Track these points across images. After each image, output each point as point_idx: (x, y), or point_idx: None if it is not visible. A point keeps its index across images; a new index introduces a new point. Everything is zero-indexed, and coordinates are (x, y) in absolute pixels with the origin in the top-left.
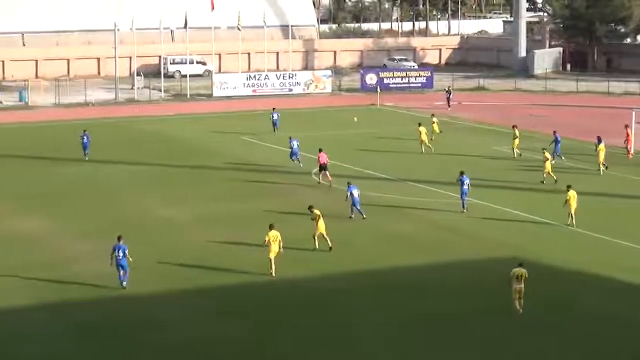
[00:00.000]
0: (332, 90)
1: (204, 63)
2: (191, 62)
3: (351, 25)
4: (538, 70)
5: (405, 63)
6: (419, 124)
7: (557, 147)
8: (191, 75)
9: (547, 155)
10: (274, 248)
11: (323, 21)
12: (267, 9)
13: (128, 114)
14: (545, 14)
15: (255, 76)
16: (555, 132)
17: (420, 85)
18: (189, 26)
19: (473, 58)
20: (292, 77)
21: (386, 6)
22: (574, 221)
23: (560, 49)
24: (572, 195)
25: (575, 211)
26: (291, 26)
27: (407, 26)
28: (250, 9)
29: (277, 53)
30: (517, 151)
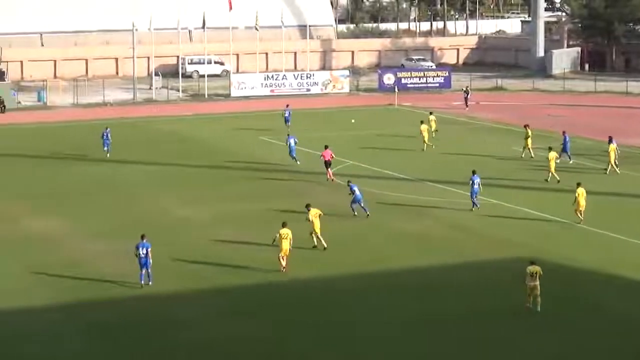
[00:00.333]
0: (350, 90)
1: (222, 63)
2: (209, 62)
3: (369, 25)
4: (556, 70)
5: (423, 63)
6: (422, 122)
7: (567, 148)
8: (209, 75)
9: (552, 154)
10: (284, 246)
11: (341, 21)
12: (285, 9)
13: (146, 114)
14: (563, 14)
15: (273, 76)
16: (564, 133)
17: (438, 85)
18: (207, 26)
19: (491, 58)
20: (310, 77)
21: (404, 6)
22: (582, 218)
23: (578, 49)
24: (581, 192)
25: (584, 209)
26: (309, 26)
27: (425, 26)
28: (267, 9)
29: (295, 53)
30: (530, 152)
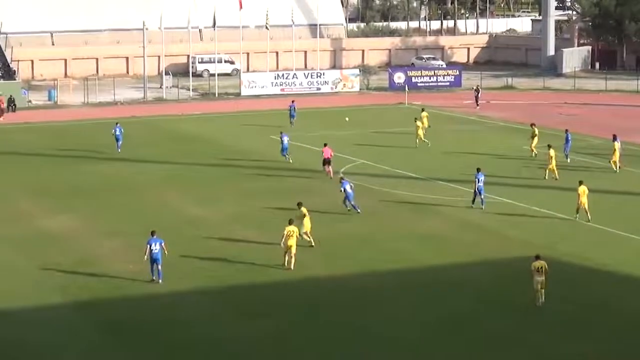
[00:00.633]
0: (360, 89)
1: (232, 62)
2: (219, 61)
3: (379, 24)
4: (567, 68)
5: (433, 62)
6: (415, 119)
7: (568, 146)
8: (219, 74)
9: (552, 152)
10: (290, 243)
11: (351, 20)
12: (295, 8)
13: (157, 113)
14: (574, 13)
15: (283, 75)
16: (567, 131)
17: (448, 84)
18: (217, 25)
19: (501, 57)
20: (320, 76)
21: (414, 5)
22: (589, 216)
23: (589, 48)
24: (583, 190)
25: (587, 207)
26: (319, 25)
27: (435, 25)
28: (278, 8)
29: (305, 52)
30: (534, 151)
